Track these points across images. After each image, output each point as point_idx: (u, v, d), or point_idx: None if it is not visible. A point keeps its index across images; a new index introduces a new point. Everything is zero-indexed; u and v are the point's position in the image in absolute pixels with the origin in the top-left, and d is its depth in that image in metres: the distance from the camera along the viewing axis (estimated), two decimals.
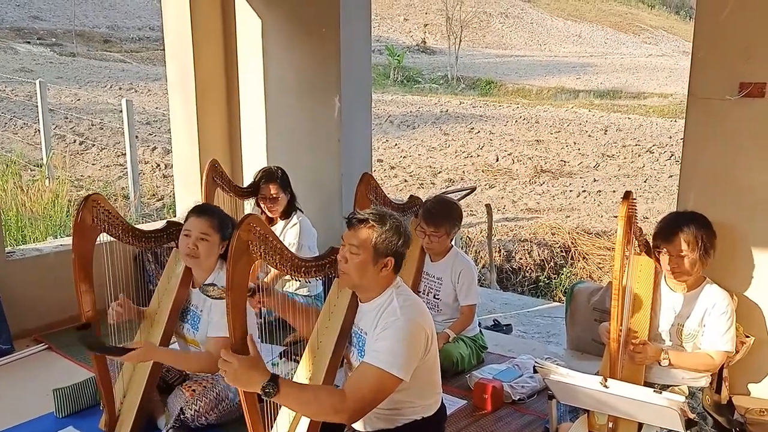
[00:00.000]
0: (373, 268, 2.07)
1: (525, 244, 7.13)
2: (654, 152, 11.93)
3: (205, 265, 2.69)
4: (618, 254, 2.33)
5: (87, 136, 11.00)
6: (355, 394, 1.91)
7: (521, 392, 3.07)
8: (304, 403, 1.91)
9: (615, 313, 2.35)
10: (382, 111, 14.95)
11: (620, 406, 2.11)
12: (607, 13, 33.39)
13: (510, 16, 31.03)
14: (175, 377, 2.87)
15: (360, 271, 2.06)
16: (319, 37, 4.16)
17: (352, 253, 2.07)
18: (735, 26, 2.78)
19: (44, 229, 6.22)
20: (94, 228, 2.48)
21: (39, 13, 21.70)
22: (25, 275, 3.80)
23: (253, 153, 4.64)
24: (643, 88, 19.84)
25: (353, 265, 2.06)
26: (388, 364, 1.94)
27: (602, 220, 8.09)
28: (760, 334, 2.82)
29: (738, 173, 2.85)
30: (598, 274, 6.71)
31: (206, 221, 2.67)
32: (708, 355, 2.64)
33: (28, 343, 3.65)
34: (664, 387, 2.67)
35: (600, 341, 2.87)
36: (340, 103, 4.13)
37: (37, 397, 3.03)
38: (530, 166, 11.01)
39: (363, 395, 1.92)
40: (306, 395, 1.93)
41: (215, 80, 4.67)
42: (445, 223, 3.28)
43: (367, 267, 2.06)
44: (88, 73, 16.49)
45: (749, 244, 2.85)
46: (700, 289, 2.69)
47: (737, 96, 2.78)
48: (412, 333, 2.01)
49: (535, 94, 20.02)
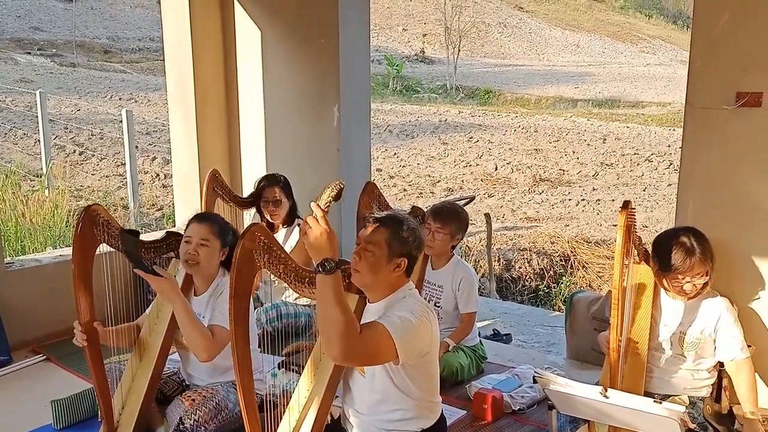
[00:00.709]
0: (386, 267, 2.08)
1: (524, 253, 7.12)
2: (653, 161, 11.95)
3: (206, 272, 2.69)
4: (617, 263, 2.33)
5: (87, 146, 11.02)
6: (364, 337, 1.91)
7: (521, 402, 3.06)
8: (334, 304, 1.85)
9: (615, 323, 2.35)
10: (381, 120, 14.98)
11: (620, 416, 2.11)
12: (604, 22, 33.53)
13: (508, 25, 31.15)
14: (173, 389, 2.87)
15: (373, 269, 2.07)
16: (318, 48, 4.18)
17: (366, 250, 2.08)
18: (731, 36, 2.79)
19: (44, 239, 6.21)
20: (94, 239, 2.48)
21: (39, 24, 21.77)
22: (24, 286, 3.80)
23: (253, 163, 4.65)
24: (641, 97, 19.89)
25: (366, 263, 2.07)
26: (395, 328, 1.95)
27: (601, 228, 8.09)
28: (760, 343, 2.82)
29: (736, 182, 2.86)
30: (597, 283, 6.71)
31: (207, 227, 2.68)
32: (747, 372, 2.64)
33: (26, 354, 3.65)
34: (664, 397, 2.66)
35: (599, 351, 2.87)
36: (339, 113, 4.15)
37: (35, 409, 3.02)
38: (529, 175, 11.02)
39: (367, 343, 1.92)
40: (341, 302, 1.86)
41: (215, 90, 4.69)
42: (451, 222, 3.31)
43: (381, 265, 2.07)
44: (88, 83, 16.52)
45: (747, 253, 2.85)
46: (702, 297, 2.69)
47: (734, 105, 2.79)
48: (422, 320, 2.03)
49: (533, 103, 20.07)
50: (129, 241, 2.45)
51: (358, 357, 1.97)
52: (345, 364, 2.15)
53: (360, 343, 1.89)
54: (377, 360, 2.00)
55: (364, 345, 1.91)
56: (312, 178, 4.13)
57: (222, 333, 2.51)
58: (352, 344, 1.87)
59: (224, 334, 2.49)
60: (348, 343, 1.86)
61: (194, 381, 2.82)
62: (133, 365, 2.69)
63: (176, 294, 2.51)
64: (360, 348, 1.90)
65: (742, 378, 2.63)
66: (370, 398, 2.15)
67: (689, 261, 2.57)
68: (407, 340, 1.97)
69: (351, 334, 1.86)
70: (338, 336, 1.84)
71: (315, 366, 2.24)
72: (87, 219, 2.45)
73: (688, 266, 2.57)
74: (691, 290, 2.62)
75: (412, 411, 2.15)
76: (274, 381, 2.93)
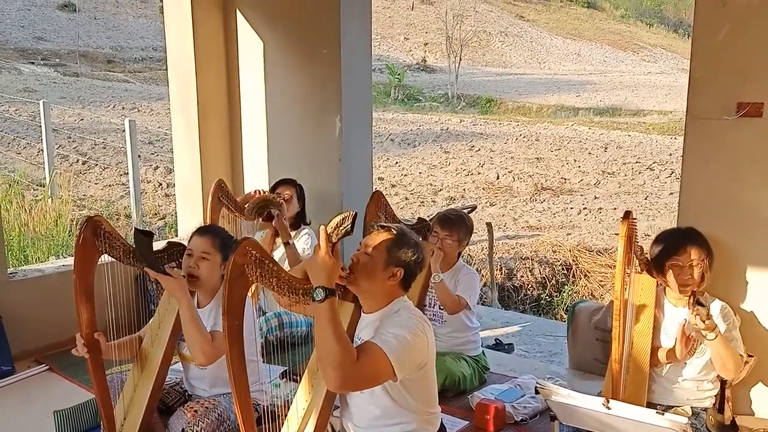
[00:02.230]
0: (382, 274, 2.07)
1: (526, 262, 7.12)
2: (654, 169, 11.95)
3: (208, 286, 2.69)
4: (618, 274, 2.34)
5: (90, 155, 11.05)
6: (360, 364, 1.90)
7: (523, 413, 3.05)
8: (329, 333, 1.85)
9: (617, 334, 2.35)
10: (383, 129, 15.01)
11: (623, 427, 2.10)
12: (605, 31, 33.63)
13: (509, 34, 31.25)
14: (175, 399, 2.86)
15: (369, 273, 2.06)
16: (320, 58, 4.20)
17: (366, 254, 2.08)
18: (732, 47, 2.81)
19: (47, 249, 6.23)
20: (95, 249, 2.48)
21: (43, 34, 21.88)
22: (26, 296, 3.80)
23: (255, 172, 4.66)
24: (642, 106, 19.92)
25: (363, 267, 2.06)
26: (390, 347, 1.94)
27: (603, 237, 8.09)
28: (763, 353, 2.81)
29: (737, 192, 2.86)
30: (599, 292, 6.70)
31: (208, 240, 2.68)
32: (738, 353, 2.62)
33: (29, 364, 3.65)
34: (667, 408, 2.66)
35: (602, 360, 2.87)
36: (341, 123, 4.16)
37: (37, 419, 3.02)
38: (531, 184, 11.03)
39: (363, 369, 1.91)
40: (336, 331, 1.86)
41: (217, 100, 4.71)
42: (459, 229, 3.33)
43: (376, 271, 2.06)
44: (92, 93, 16.58)
45: (749, 262, 2.85)
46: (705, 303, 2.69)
47: (735, 116, 2.80)
48: (418, 335, 2.02)
49: (535, 111, 20.10)
50: (142, 242, 2.46)
51: (355, 385, 1.97)
52: (343, 392, 2.13)
53: (356, 371, 1.89)
54: (375, 382, 1.99)
55: (361, 372, 1.91)
56: (314, 187, 4.14)
57: (219, 338, 2.50)
58: (349, 374, 1.87)
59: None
60: (344, 373, 1.86)
61: (196, 392, 2.82)
62: (135, 376, 2.69)
63: (184, 294, 2.52)
64: (357, 375, 1.90)
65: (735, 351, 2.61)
66: (369, 413, 2.14)
67: (687, 241, 2.64)
68: (403, 358, 1.96)
69: (347, 364, 1.86)
70: (333, 367, 1.85)
71: (312, 377, 2.24)
72: (88, 230, 2.45)
73: (687, 248, 2.62)
74: (692, 280, 2.62)
75: (411, 424, 2.14)
76: (277, 391, 2.92)
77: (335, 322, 1.88)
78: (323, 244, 1.90)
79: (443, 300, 3.27)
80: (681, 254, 2.64)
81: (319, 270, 1.90)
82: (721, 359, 2.58)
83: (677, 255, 2.64)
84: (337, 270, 1.93)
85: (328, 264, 1.90)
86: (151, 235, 2.50)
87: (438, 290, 3.23)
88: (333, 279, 1.92)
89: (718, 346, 2.53)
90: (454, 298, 3.27)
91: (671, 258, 2.65)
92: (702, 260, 2.65)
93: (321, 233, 1.93)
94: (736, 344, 2.63)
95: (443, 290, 3.24)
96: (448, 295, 3.26)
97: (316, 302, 1.88)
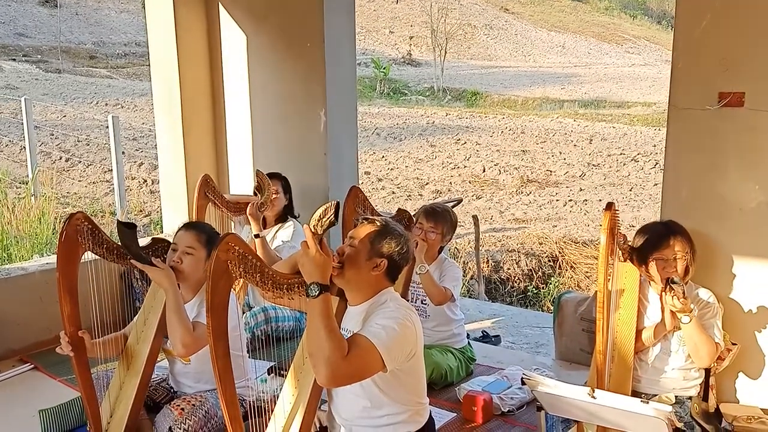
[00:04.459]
0: (365, 264, 2.07)
1: (513, 254, 7.15)
2: (639, 161, 12.03)
3: (192, 281, 2.67)
4: (601, 266, 2.35)
5: (73, 152, 10.95)
6: (350, 358, 1.90)
7: (510, 404, 3.07)
8: (321, 328, 1.86)
9: (601, 326, 2.36)
10: (369, 123, 14.99)
11: (608, 416, 2.12)
12: (589, 23, 33.73)
13: (494, 27, 31.27)
14: (162, 395, 2.85)
15: (353, 264, 2.07)
16: (304, 52, 4.18)
17: (349, 245, 2.09)
18: (713, 37, 2.82)
19: (30, 247, 6.16)
20: (79, 247, 2.46)
21: (24, 30, 21.61)
22: (10, 295, 3.76)
23: (240, 168, 4.64)
24: (626, 98, 20.02)
25: (348, 258, 2.07)
26: (379, 339, 1.94)
27: (589, 229, 8.14)
28: (745, 341, 2.85)
29: (720, 182, 2.89)
30: (586, 283, 6.74)
31: (193, 235, 2.67)
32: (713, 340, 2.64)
33: (13, 363, 3.62)
34: (652, 396, 2.68)
35: (588, 351, 2.89)
36: (326, 117, 4.15)
37: (23, 418, 3.00)
38: (517, 177, 11.06)
39: (353, 363, 1.91)
40: (328, 326, 1.87)
41: (201, 95, 4.68)
42: (444, 223, 3.34)
43: (359, 261, 2.07)
44: (74, 89, 16.41)
45: (732, 252, 2.88)
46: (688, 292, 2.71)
47: (717, 106, 2.82)
48: (405, 325, 2.03)
49: (520, 104, 20.15)
50: (126, 234, 2.45)
51: (346, 379, 1.97)
52: (334, 386, 2.13)
53: (346, 366, 1.89)
54: (365, 375, 1.99)
55: (352, 365, 1.91)
56: (299, 181, 4.13)
57: (203, 330, 2.47)
58: (340, 368, 1.87)
59: (205, 332, 2.48)
60: (335, 367, 1.86)
61: (182, 388, 2.81)
62: (121, 373, 2.68)
63: (172, 284, 2.52)
64: (348, 369, 1.90)
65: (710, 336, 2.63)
66: (357, 405, 2.14)
67: (670, 234, 2.67)
68: (393, 349, 1.97)
69: (337, 359, 1.86)
70: (324, 362, 1.85)
71: (298, 372, 2.23)
72: (71, 227, 2.43)
73: (671, 242, 2.65)
74: (676, 273, 2.64)
75: (399, 415, 2.15)
76: (263, 387, 2.92)
77: (329, 317, 1.90)
78: (311, 242, 1.91)
79: (429, 291, 3.27)
80: (664, 248, 2.66)
81: (313, 268, 1.91)
82: (695, 345, 2.61)
83: (661, 249, 2.66)
84: (329, 265, 1.95)
85: (320, 261, 1.91)
86: (134, 227, 2.49)
87: (424, 281, 3.24)
88: (327, 275, 1.94)
89: (693, 329, 2.56)
90: (440, 288, 3.28)
91: (655, 252, 2.67)
92: (685, 253, 2.67)
93: (306, 232, 1.93)
94: (713, 332, 2.66)
95: (429, 281, 3.25)
96: (435, 286, 3.26)
97: (309, 298, 1.89)
